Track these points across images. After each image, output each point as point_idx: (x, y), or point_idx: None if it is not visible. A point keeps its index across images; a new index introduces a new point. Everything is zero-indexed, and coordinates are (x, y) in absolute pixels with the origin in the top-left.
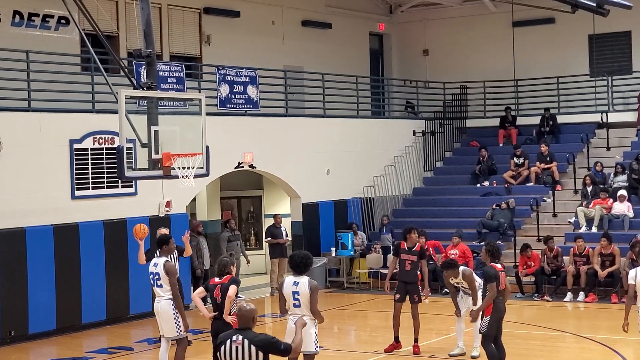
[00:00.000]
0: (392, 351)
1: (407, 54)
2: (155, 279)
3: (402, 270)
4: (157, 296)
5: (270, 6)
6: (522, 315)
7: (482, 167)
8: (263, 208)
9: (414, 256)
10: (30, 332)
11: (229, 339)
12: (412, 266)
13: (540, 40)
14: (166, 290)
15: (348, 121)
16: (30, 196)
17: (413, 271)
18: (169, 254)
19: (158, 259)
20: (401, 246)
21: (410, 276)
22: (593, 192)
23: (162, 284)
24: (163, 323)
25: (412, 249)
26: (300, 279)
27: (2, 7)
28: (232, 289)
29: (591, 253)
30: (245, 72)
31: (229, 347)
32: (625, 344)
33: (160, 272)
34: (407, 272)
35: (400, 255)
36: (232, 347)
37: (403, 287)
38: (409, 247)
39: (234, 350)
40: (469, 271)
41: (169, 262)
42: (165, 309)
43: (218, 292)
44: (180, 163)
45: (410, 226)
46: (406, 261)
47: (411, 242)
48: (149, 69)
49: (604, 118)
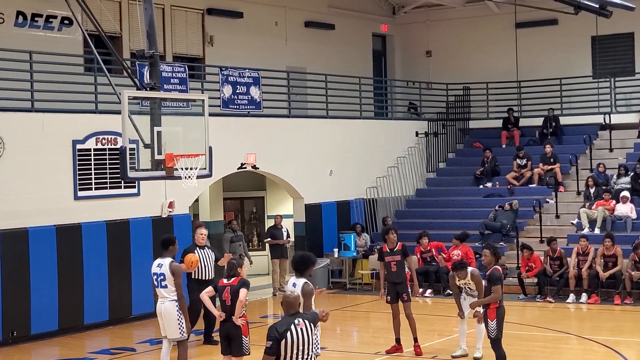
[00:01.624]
0: (393, 352)
1: (410, 55)
2: (160, 280)
3: (389, 272)
4: (160, 297)
5: (273, 7)
6: (525, 316)
7: (486, 168)
8: (266, 209)
9: (397, 256)
10: (32, 333)
11: (291, 325)
12: (398, 266)
13: (543, 42)
14: (171, 292)
15: (351, 122)
16: (33, 196)
17: (400, 271)
18: (173, 255)
19: (163, 260)
20: (383, 249)
21: (398, 276)
22: (596, 194)
23: (167, 285)
24: (166, 324)
25: (394, 250)
26: (298, 280)
27: (6, 7)
28: (242, 293)
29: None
30: (248, 73)
31: (295, 332)
32: (627, 346)
33: (166, 273)
34: (394, 273)
35: (385, 259)
36: (298, 330)
37: (393, 288)
38: (390, 249)
39: (301, 332)
40: (477, 272)
41: (174, 263)
42: (169, 311)
43: (227, 294)
44: (183, 164)
45: (387, 227)
46: (391, 262)
47: (391, 243)
48: (151, 70)
49: (606, 119)
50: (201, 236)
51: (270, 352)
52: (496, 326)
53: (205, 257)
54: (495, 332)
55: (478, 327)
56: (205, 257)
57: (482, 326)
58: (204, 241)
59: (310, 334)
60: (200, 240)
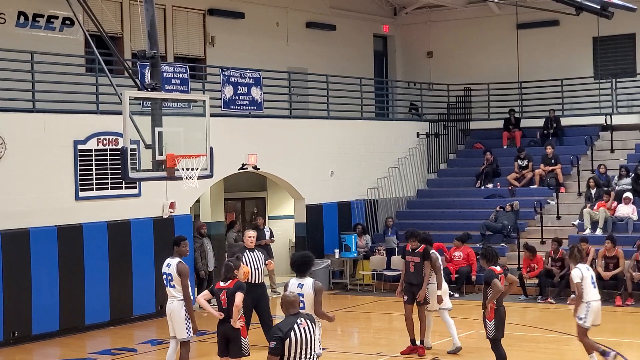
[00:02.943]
0: (408, 353)
1: (411, 55)
2: (168, 280)
3: (407, 272)
4: (169, 296)
5: (274, 8)
6: (526, 317)
7: (487, 169)
8: (267, 209)
9: (417, 257)
10: (33, 333)
11: (294, 325)
12: (416, 268)
13: (544, 43)
14: (178, 291)
15: (352, 123)
16: (34, 197)
17: (417, 273)
18: (182, 254)
19: (171, 260)
20: (406, 248)
21: (415, 277)
22: (597, 195)
23: (175, 285)
24: (174, 324)
25: (415, 250)
26: (304, 280)
27: (7, 7)
28: (238, 297)
29: (594, 255)
30: (250, 74)
31: (299, 331)
32: (629, 347)
33: (173, 273)
34: (411, 274)
35: (405, 257)
36: (301, 329)
37: (409, 288)
38: (412, 249)
39: (304, 332)
40: (436, 255)
41: (181, 264)
42: (177, 310)
43: (224, 296)
44: (184, 164)
45: (411, 230)
46: (410, 263)
47: (414, 244)
48: (153, 70)
49: (608, 120)
50: (249, 239)
51: (274, 352)
52: (494, 327)
53: (255, 259)
54: (494, 333)
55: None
56: (256, 260)
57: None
58: (252, 244)
59: (312, 334)
60: (249, 243)
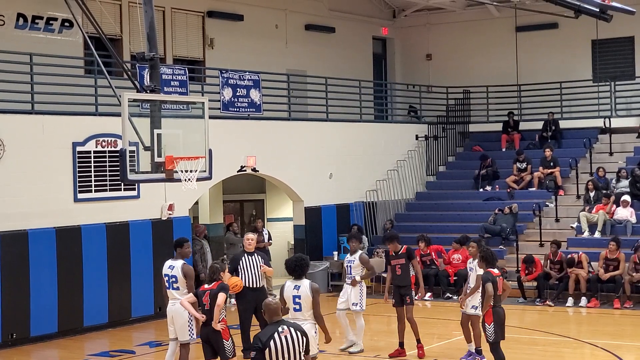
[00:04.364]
0: (396, 356)
1: (410, 58)
2: (172, 282)
3: (394, 275)
4: (171, 298)
5: (273, 10)
6: (524, 320)
7: (487, 171)
8: (265, 211)
9: (402, 259)
10: (32, 335)
11: (274, 333)
12: (403, 269)
13: (543, 45)
14: (182, 293)
15: (351, 125)
16: (32, 198)
17: (404, 274)
18: (185, 256)
19: (175, 262)
20: (389, 253)
21: (403, 280)
22: (595, 198)
23: (179, 287)
24: (176, 326)
25: (398, 253)
26: (301, 282)
27: (6, 9)
28: (220, 297)
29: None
30: (249, 76)
31: (279, 340)
32: (627, 350)
33: (178, 275)
34: (398, 277)
35: (390, 262)
36: (282, 338)
37: (397, 291)
38: (395, 252)
39: (285, 341)
40: (366, 257)
41: (187, 265)
42: (180, 312)
43: (207, 298)
44: (183, 166)
45: (390, 234)
46: (396, 266)
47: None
48: (152, 72)
49: (606, 123)
50: (248, 242)
51: None
52: (494, 330)
53: (254, 263)
54: (494, 336)
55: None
56: (255, 264)
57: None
58: (252, 247)
59: (295, 341)
60: (248, 247)
